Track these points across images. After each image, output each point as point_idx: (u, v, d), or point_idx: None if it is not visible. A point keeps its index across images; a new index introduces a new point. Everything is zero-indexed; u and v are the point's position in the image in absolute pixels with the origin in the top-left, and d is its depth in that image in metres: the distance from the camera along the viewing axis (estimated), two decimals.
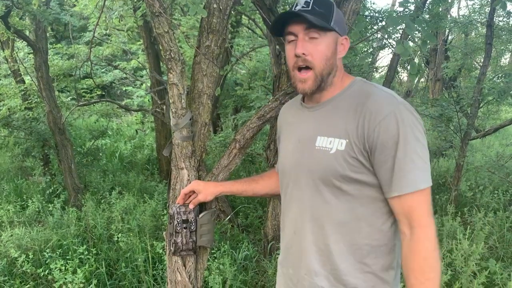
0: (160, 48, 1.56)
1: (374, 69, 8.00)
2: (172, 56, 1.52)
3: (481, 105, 4.79)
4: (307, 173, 1.21)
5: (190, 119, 1.62)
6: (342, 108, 1.17)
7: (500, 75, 4.95)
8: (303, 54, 1.15)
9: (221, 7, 1.57)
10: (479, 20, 7.42)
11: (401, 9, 2.76)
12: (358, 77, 1.23)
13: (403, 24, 1.74)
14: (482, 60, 4.77)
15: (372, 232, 1.17)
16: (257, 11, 3.03)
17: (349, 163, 1.12)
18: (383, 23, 4.24)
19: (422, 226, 1.08)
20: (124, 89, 10.15)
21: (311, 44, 1.15)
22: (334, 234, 1.18)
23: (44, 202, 4.41)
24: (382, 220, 1.17)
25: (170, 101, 1.60)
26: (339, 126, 1.15)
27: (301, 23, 1.15)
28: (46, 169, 5.77)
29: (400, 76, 11.48)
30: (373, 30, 4.23)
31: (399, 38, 4.45)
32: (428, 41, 1.69)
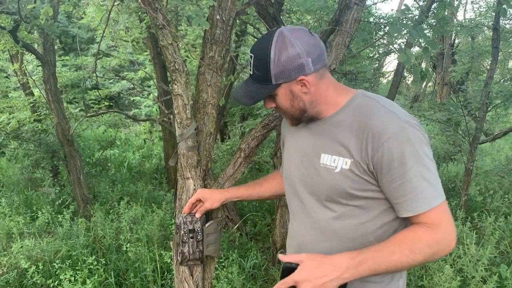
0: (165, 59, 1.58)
1: (381, 75, 7.99)
2: (177, 67, 1.54)
3: (489, 109, 4.76)
4: (313, 189, 1.21)
5: (195, 129, 1.63)
6: (344, 125, 1.14)
7: (507, 78, 4.91)
8: (271, 107, 1.23)
9: (224, 18, 1.58)
10: (485, 23, 7.39)
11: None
12: (360, 90, 1.20)
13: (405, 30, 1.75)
14: (489, 64, 4.75)
15: None
16: (262, 20, 3.05)
17: (355, 181, 1.11)
18: (387, 28, 4.24)
19: (438, 228, 1.05)
20: (132, 99, 10.23)
21: (273, 99, 1.20)
22: (341, 249, 1.16)
23: (53, 213, 4.43)
24: (389, 234, 1.15)
25: (175, 111, 1.62)
26: (342, 145, 1.13)
27: None
28: (55, 180, 5.81)
29: (407, 81, 11.45)
30: (378, 36, 4.23)
31: (404, 43, 4.45)
32: (430, 48, 1.69)
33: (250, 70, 1.17)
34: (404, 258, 1.04)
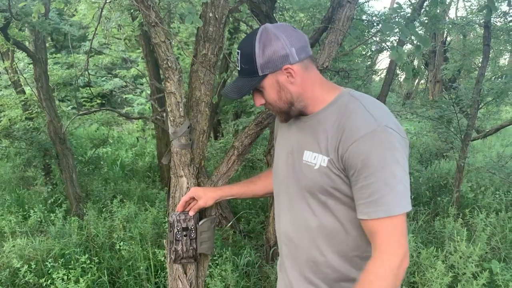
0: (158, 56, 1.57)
1: (373, 72, 8.01)
2: (169, 65, 1.54)
3: (480, 106, 4.79)
4: (297, 185, 1.23)
5: (188, 127, 1.63)
6: (326, 123, 1.16)
7: (497, 76, 4.95)
8: (261, 105, 1.25)
9: (216, 16, 1.58)
10: (476, 21, 7.43)
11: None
12: (347, 89, 1.22)
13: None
14: (480, 61, 4.78)
15: (360, 244, 1.17)
16: (254, 18, 3.05)
17: (332, 179, 1.13)
18: (380, 26, 4.25)
19: (384, 252, 1.05)
20: (124, 97, 10.17)
21: (261, 94, 1.23)
22: (324, 245, 1.20)
23: (46, 211, 4.41)
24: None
25: (168, 109, 1.61)
26: (322, 143, 1.15)
27: None
28: (48, 178, 5.77)
29: (399, 79, 11.49)
30: (370, 33, 4.24)
31: (397, 40, 4.46)
32: (422, 46, 1.70)
33: (238, 66, 1.20)
34: None
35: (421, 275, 2.81)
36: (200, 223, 1.58)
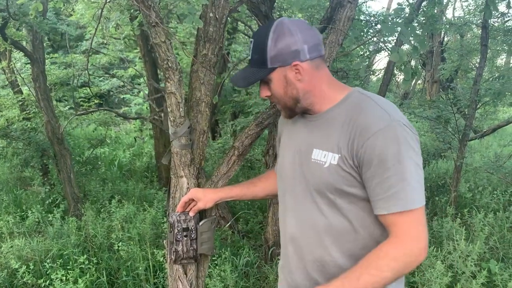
0: (158, 56, 1.57)
1: (371, 72, 8.01)
2: (170, 65, 1.53)
3: (478, 106, 4.81)
4: (304, 184, 1.22)
5: (189, 128, 1.63)
6: (336, 121, 1.16)
7: (495, 77, 4.97)
8: (266, 97, 1.25)
9: (217, 16, 1.58)
10: (474, 21, 7.46)
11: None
12: (357, 87, 1.22)
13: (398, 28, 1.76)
14: (478, 61, 4.80)
15: (369, 243, 1.17)
16: (253, 18, 3.05)
17: (342, 176, 1.12)
18: (379, 26, 4.26)
19: (404, 240, 1.06)
20: (122, 97, 10.15)
21: (268, 86, 1.22)
22: (331, 245, 1.19)
23: (43, 212, 4.39)
24: (379, 232, 1.17)
25: (168, 109, 1.61)
26: (332, 140, 1.15)
27: None
28: (45, 179, 5.75)
29: (397, 79, 11.50)
30: (369, 34, 4.24)
31: (395, 41, 4.47)
32: (419, 48, 1.70)
33: (249, 55, 1.20)
34: (372, 279, 1.06)
35: (420, 275, 2.82)
36: (200, 223, 1.58)
